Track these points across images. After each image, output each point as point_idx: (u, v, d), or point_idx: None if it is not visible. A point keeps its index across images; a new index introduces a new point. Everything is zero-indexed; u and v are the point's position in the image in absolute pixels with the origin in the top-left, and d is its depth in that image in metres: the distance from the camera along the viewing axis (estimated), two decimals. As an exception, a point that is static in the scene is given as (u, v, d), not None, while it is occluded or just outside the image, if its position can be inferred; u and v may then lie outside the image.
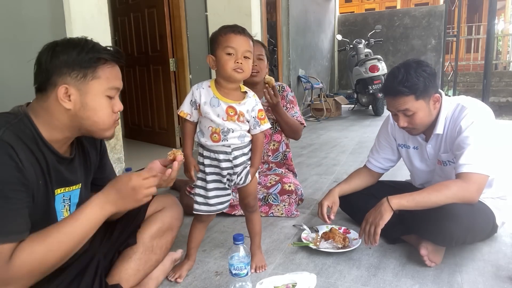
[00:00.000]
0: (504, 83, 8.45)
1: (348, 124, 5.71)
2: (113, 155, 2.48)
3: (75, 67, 1.04)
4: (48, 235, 0.99)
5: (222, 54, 1.35)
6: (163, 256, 1.45)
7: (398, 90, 1.57)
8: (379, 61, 6.11)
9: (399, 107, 1.61)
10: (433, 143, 1.72)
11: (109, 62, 1.10)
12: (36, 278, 1.00)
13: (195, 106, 1.43)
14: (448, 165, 1.68)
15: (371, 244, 1.58)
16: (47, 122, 1.06)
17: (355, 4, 12.40)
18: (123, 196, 1.08)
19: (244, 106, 1.41)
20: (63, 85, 1.03)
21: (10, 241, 0.93)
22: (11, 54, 1.98)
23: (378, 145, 1.97)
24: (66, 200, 1.15)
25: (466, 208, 1.49)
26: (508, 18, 11.10)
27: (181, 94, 4.01)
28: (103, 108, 1.09)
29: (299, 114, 2.37)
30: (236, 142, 1.42)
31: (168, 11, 3.81)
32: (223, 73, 1.37)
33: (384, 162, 1.95)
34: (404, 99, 1.58)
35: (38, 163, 1.03)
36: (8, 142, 0.95)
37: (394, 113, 1.67)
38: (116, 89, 1.13)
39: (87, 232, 1.05)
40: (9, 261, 0.92)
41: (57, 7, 2.17)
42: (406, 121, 1.63)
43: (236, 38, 1.35)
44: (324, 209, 1.82)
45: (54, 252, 0.99)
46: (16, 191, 0.95)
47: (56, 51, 1.04)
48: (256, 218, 1.60)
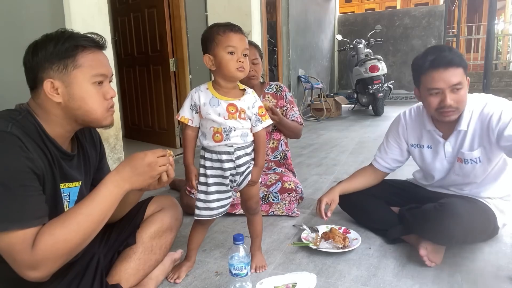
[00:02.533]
0: (504, 83, 8.44)
1: (348, 124, 5.71)
2: (113, 155, 2.48)
3: (54, 59, 1.04)
4: (66, 218, 1.01)
5: (224, 54, 1.34)
6: (162, 256, 1.45)
7: (451, 60, 1.50)
8: (379, 61, 6.11)
9: (451, 79, 1.50)
10: (453, 140, 1.65)
11: (89, 48, 1.09)
12: (61, 260, 1.00)
13: (195, 110, 1.42)
14: (469, 163, 1.63)
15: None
16: (46, 118, 1.08)
17: (355, 4, 12.40)
18: (139, 172, 1.08)
19: (245, 103, 1.41)
20: (47, 80, 1.05)
21: (33, 226, 0.96)
22: (11, 54, 1.98)
23: (386, 145, 1.91)
24: (65, 197, 1.15)
25: (467, 208, 1.49)
26: (508, 18, 11.10)
27: (181, 94, 4.01)
28: (91, 96, 1.09)
29: (298, 115, 2.42)
30: (238, 142, 1.41)
31: (168, 11, 3.81)
32: (226, 73, 1.36)
33: (391, 163, 1.91)
34: (456, 70, 1.51)
35: (45, 155, 1.05)
36: (17, 136, 0.98)
37: (439, 91, 1.53)
38: (103, 75, 1.11)
39: (105, 212, 1.06)
40: (33, 246, 0.95)
41: (57, 7, 2.17)
42: (453, 98, 1.53)
43: (235, 36, 1.35)
44: (322, 206, 1.82)
45: (75, 233, 1.01)
46: (31, 179, 0.98)
47: (36, 49, 1.06)
48: (257, 220, 1.60)
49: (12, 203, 0.94)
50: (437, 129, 1.70)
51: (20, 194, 0.95)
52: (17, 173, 0.95)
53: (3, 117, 1.02)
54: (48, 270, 0.99)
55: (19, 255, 0.94)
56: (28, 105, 1.10)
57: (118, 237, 1.38)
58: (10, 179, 0.94)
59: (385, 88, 6.15)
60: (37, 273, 0.97)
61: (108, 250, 1.36)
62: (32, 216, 0.96)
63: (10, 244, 0.93)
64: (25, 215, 0.95)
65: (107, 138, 2.41)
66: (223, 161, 1.42)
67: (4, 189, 0.93)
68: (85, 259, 1.20)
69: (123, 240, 1.37)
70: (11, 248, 0.94)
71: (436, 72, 1.51)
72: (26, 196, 0.96)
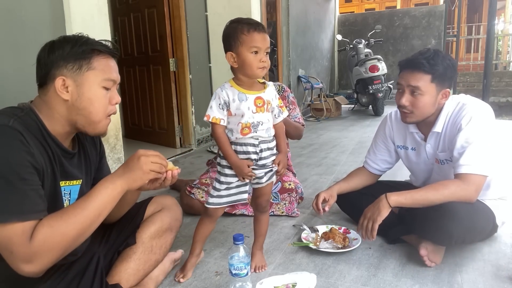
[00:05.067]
0: (504, 83, 8.44)
1: (348, 124, 5.71)
2: (113, 155, 2.48)
3: (70, 59, 1.08)
4: (65, 212, 1.03)
5: (247, 54, 1.36)
6: (162, 256, 1.45)
7: (420, 63, 1.55)
8: (379, 61, 6.10)
9: (412, 81, 1.58)
10: (432, 142, 1.71)
11: (104, 54, 1.13)
12: (56, 255, 1.01)
13: (226, 108, 1.40)
14: (445, 163, 1.68)
15: (368, 239, 1.59)
16: (48, 116, 1.10)
17: (355, 4, 12.40)
18: (131, 168, 1.10)
19: (269, 94, 1.45)
20: (60, 77, 1.08)
21: (32, 219, 0.97)
22: (11, 55, 1.98)
23: (375, 146, 1.96)
24: (66, 195, 1.16)
25: (466, 207, 1.49)
26: (508, 18, 11.10)
27: (181, 94, 4.01)
28: (98, 99, 1.12)
29: (300, 116, 2.45)
30: (263, 135, 1.44)
31: (168, 11, 3.81)
32: (249, 72, 1.38)
33: (381, 164, 1.95)
34: (420, 75, 1.56)
35: (46, 152, 1.07)
36: (18, 130, 0.99)
37: (401, 89, 1.64)
38: (112, 81, 1.15)
39: (101, 209, 1.07)
40: (31, 239, 0.96)
41: (57, 8, 2.17)
42: (409, 100, 1.61)
43: (260, 36, 1.36)
44: (319, 200, 1.83)
45: (72, 227, 1.02)
46: (31, 173, 0.99)
47: (53, 47, 1.10)
48: (265, 219, 1.61)
49: (12, 195, 0.95)
50: (419, 131, 1.74)
51: (20, 187, 0.96)
52: (17, 166, 0.96)
53: (5, 113, 1.04)
54: (43, 263, 0.99)
55: (16, 247, 0.94)
56: (31, 103, 1.12)
57: (118, 237, 1.38)
58: (10, 172, 0.95)
59: (385, 88, 6.14)
60: (32, 266, 0.97)
61: (108, 250, 1.36)
62: (31, 209, 0.97)
63: (8, 236, 0.94)
64: (24, 207, 0.96)
65: (107, 138, 2.41)
66: (249, 153, 1.43)
67: (4, 182, 0.94)
68: (85, 259, 1.20)
69: (123, 240, 1.37)
70: (9, 240, 0.94)
71: (404, 71, 1.63)
72: (26, 190, 0.97)
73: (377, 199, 1.59)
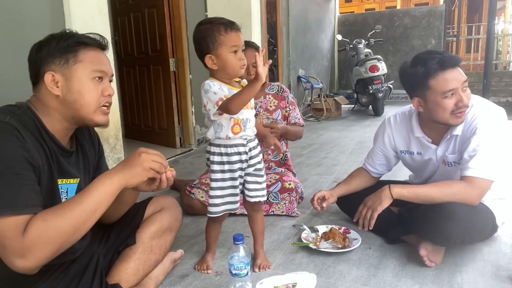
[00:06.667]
0: (504, 83, 8.43)
1: (348, 124, 5.71)
2: (113, 155, 2.48)
3: (56, 54, 1.10)
4: (60, 207, 1.02)
5: (228, 54, 1.36)
6: (162, 256, 1.45)
7: (457, 59, 1.49)
8: (379, 61, 6.11)
9: (461, 77, 1.49)
10: (444, 145, 1.66)
11: (90, 46, 1.14)
12: (50, 251, 0.98)
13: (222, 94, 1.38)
14: (452, 165, 1.66)
15: (364, 228, 1.59)
16: (45, 113, 1.11)
17: (355, 4, 12.40)
18: (131, 164, 1.09)
19: None
20: (49, 72, 1.09)
21: (26, 213, 0.96)
22: (11, 55, 1.98)
23: (373, 153, 1.96)
24: (63, 193, 1.15)
25: (465, 208, 1.49)
26: (508, 18, 11.10)
27: (181, 94, 4.01)
28: (89, 91, 1.12)
29: (299, 116, 2.47)
30: (250, 134, 1.47)
31: (168, 11, 3.81)
32: (231, 72, 1.39)
33: (379, 168, 1.96)
34: (460, 69, 1.50)
35: (43, 149, 1.07)
36: (14, 126, 1.00)
37: (454, 92, 1.49)
38: (102, 72, 1.15)
39: (98, 204, 1.04)
40: (24, 233, 0.95)
41: (57, 7, 2.17)
42: (467, 96, 1.50)
43: (236, 35, 1.37)
44: (318, 195, 1.84)
45: (67, 221, 1.00)
46: (26, 169, 0.99)
47: (40, 46, 1.11)
48: (259, 217, 1.62)
49: (6, 189, 0.95)
50: (426, 135, 1.71)
51: (14, 182, 0.96)
52: (12, 161, 0.96)
53: (2, 110, 1.04)
54: (37, 259, 0.97)
55: (9, 241, 0.94)
56: (28, 102, 1.12)
57: (118, 237, 1.38)
58: (5, 167, 0.95)
59: (385, 88, 6.14)
60: (25, 261, 0.95)
61: (108, 250, 1.36)
62: (25, 203, 0.97)
63: (1, 229, 0.94)
64: (19, 201, 0.96)
65: (107, 138, 2.41)
66: (240, 153, 1.45)
67: None
68: (84, 259, 1.20)
69: (122, 240, 1.37)
70: (2, 234, 0.93)
71: (448, 72, 1.49)
72: (20, 185, 0.97)
73: (380, 189, 1.59)
